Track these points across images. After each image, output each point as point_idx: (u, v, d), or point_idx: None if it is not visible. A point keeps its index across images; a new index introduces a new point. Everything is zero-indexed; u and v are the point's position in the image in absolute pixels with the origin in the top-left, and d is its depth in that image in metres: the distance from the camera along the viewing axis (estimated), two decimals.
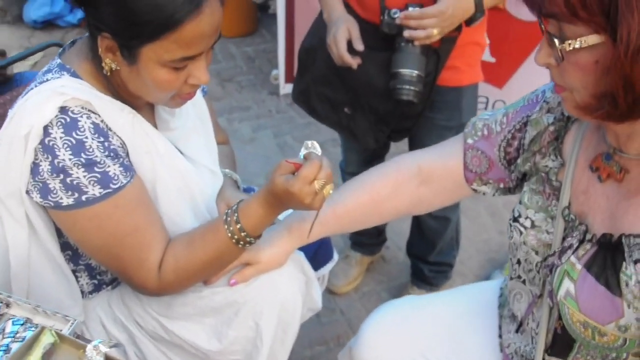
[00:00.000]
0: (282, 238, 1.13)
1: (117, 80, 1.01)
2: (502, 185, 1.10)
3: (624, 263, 0.82)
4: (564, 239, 0.94)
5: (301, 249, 1.34)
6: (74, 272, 1.14)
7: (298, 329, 1.20)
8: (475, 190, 1.12)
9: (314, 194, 0.97)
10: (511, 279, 1.08)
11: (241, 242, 1.04)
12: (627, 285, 0.81)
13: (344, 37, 1.46)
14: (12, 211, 0.99)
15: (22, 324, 0.90)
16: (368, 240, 2.17)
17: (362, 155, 1.89)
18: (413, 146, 1.74)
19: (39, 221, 1.02)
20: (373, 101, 1.56)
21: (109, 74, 0.99)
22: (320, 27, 1.59)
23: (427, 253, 2.00)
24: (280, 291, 1.13)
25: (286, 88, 3.17)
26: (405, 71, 1.44)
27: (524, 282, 1.04)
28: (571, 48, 0.74)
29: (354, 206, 1.13)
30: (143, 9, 0.89)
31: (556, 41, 0.75)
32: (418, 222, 1.98)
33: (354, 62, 1.46)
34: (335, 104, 1.63)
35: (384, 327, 1.26)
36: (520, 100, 1.07)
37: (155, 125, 1.12)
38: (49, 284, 1.08)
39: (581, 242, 0.90)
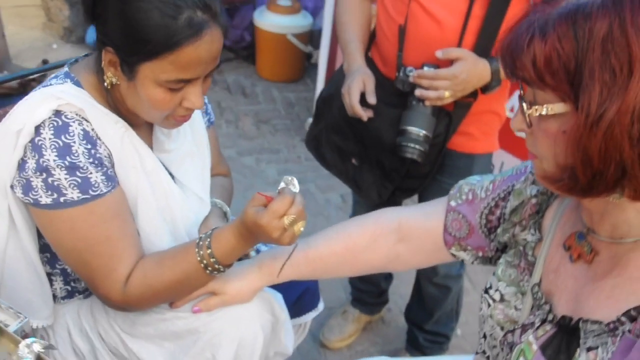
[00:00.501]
0: (251, 273, 1.12)
1: (117, 94, 1.05)
2: (480, 254, 1.07)
3: (577, 350, 0.78)
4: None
5: (284, 292, 1.33)
6: (49, 275, 1.16)
7: None
8: (454, 255, 1.09)
9: (282, 229, 0.97)
10: (476, 353, 1.03)
11: (209, 268, 1.04)
12: None
13: (358, 88, 1.48)
14: None
15: None
16: (369, 298, 2.12)
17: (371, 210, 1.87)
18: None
19: (20, 218, 1.05)
20: (380, 155, 1.56)
21: (109, 87, 1.03)
22: (340, 78, 1.61)
23: (425, 320, 1.94)
24: (241, 327, 1.11)
25: None
26: (413, 129, 1.44)
27: (487, 358, 0.99)
28: (537, 114, 0.73)
29: (327, 253, 1.11)
30: (146, 28, 0.94)
31: (524, 105, 0.75)
32: (419, 288, 1.93)
33: (364, 114, 1.47)
34: (344, 154, 1.64)
35: None
36: (510, 169, 1.05)
37: (151, 145, 1.15)
38: (21, 282, 1.10)
39: (543, 321, 0.86)
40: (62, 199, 0.98)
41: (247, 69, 3.88)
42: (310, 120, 3.25)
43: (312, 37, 3.81)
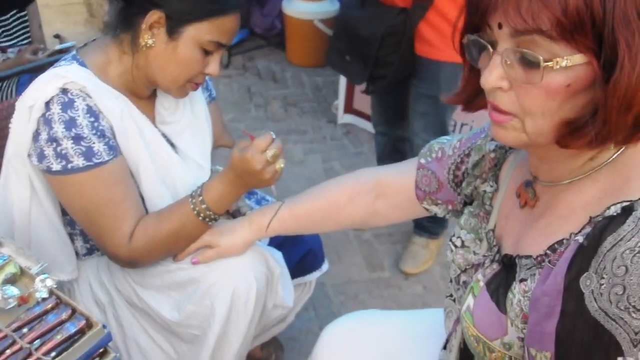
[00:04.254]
0: (242, 228, 1.24)
1: (140, 61, 1.17)
2: (450, 207, 1.15)
3: (513, 282, 0.86)
4: None
5: (287, 252, 1.45)
6: (71, 234, 1.31)
7: (254, 317, 1.28)
8: (426, 209, 1.18)
9: (265, 162, 1.12)
10: (446, 297, 1.12)
11: (202, 215, 1.18)
12: (512, 303, 0.85)
13: None
14: (17, 170, 1.18)
15: (4, 260, 1.08)
16: (427, 222, 2.32)
17: (384, 116, 2.34)
18: (407, 113, 2.15)
19: (39, 183, 1.20)
20: (362, 50, 1.97)
21: (143, 49, 1.15)
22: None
23: None
24: (235, 277, 1.23)
25: (344, 118, 3.30)
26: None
27: (454, 300, 1.08)
28: (558, 67, 0.68)
29: (311, 209, 1.22)
30: None
31: (540, 59, 0.69)
32: None
33: None
34: (341, 53, 2.07)
35: (341, 335, 1.32)
36: (477, 128, 1.13)
37: (153, 117, 1.29)
38: (46, 241, 1.26)
39: (492, 262, 0.94)
40: (69, 166, 1.12)
41: (277, 56, 4.00)
42: (336, 102, 3.37)
43: None
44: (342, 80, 3.20)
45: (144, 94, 1.26)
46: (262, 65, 3.89)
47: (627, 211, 0.71)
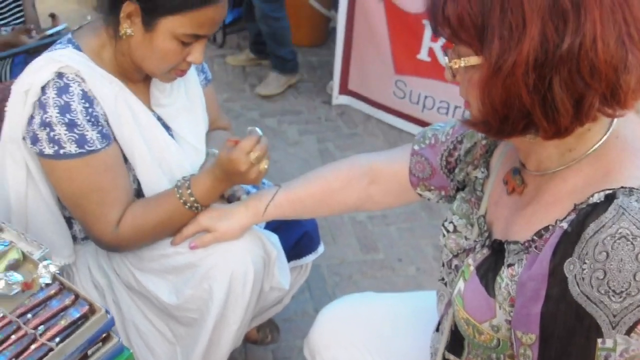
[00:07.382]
0: (239, 213, 1.26)
1: (125, 47, 1.18)
2: (444, 193, 1.18)
3: (502, 267, 0.89)
4: None
5: (283, 235, 1.48)
6: (69, 218, 1.33)
7: (252, 300, 1.31)
8: (420, 195, 1.21)
9: (249, 164, 1.16)
10: (438, 280, 1.15)
11: (188, 205, 1.23)
12: (500, 287, 0.88)
13: None
14: (13, 154, 1.19)
15: (6, 246, 1.10)
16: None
17: None
18: None
19: (34, 167, 1.21)
20: None
21: (124, 37, 1.16)
22: None
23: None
24: (232, 261, 1.26)
25: (339, 99, 3.31)
26: None
27: (445, 284, 1.11)
28: (456, 66, 0.80)
29: (306, 194, 1.24)
30: None
31: (446, 59, 0.83)
32: None
33: None
34: None
35: (336, 317, 1.35)
36: (468, 115, 1.15)
37: (148, 101, 1.30)
38: (43, 224, 1.28)
39: (482, 246, 0.97)
40: (61, 151, 1.14)
41: None
42: (331, 83, 3.38)
43: (334, 0, 3.87)
44: (338, 61, 3.20)
45: (137, 78, 1.27)
46: None
47: (609, 199, 0.74)
